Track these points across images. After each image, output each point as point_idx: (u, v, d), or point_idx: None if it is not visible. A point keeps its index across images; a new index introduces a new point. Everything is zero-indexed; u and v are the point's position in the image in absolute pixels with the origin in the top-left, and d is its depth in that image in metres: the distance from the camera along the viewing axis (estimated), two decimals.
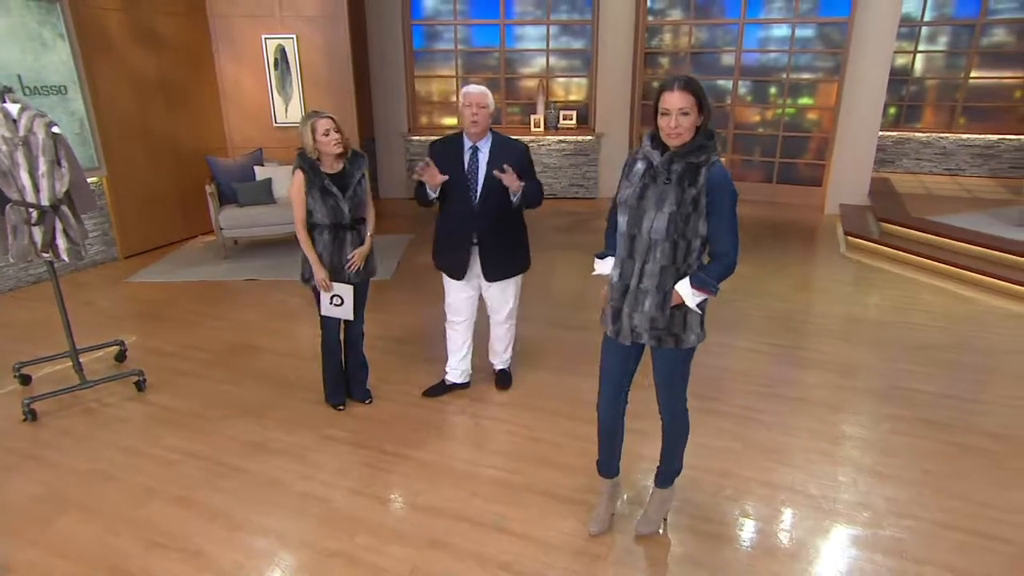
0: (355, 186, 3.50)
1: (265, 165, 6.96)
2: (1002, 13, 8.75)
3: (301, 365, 4.44)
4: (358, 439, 3.59)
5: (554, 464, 3.36)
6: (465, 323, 3.91)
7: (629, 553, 2.73)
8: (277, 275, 6.13)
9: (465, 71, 9.26)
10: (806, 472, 3.31)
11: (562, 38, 9.18)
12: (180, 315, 5.29)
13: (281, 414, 3.84)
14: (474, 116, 3.38)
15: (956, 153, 9.22)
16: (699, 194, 2.25)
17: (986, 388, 4.22)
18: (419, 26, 9.01)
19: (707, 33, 8.89)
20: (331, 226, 3.48)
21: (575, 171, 9.08)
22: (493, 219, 3.54)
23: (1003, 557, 2.80)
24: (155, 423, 3.76)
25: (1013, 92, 8.97)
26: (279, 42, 7.25)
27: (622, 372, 2.60)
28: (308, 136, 3.35)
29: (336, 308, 3.67)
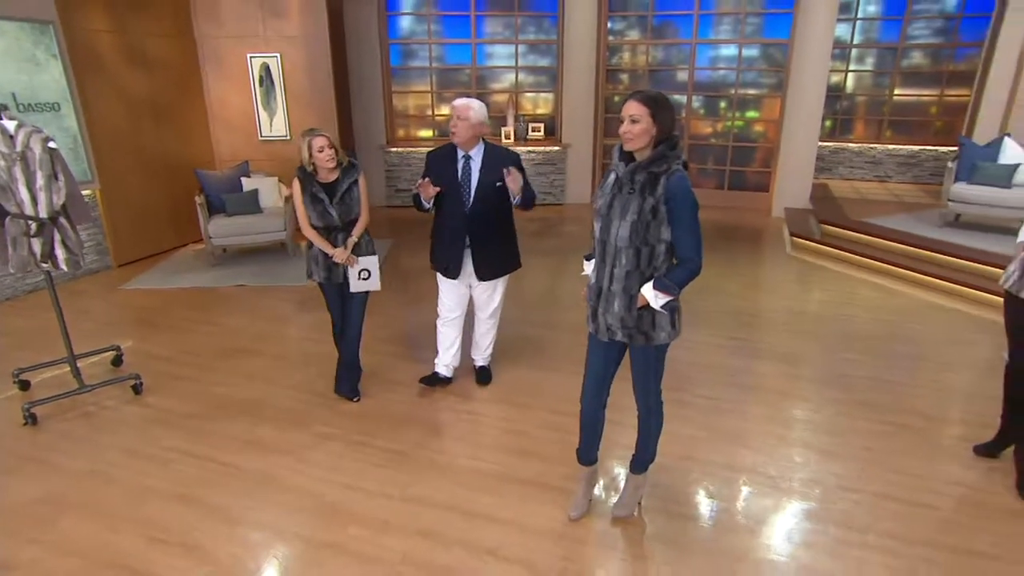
0: (344, 193, 3.53)
1: (251, 176, 6.81)
2: (919, 38, 9.04)
3: (290, 367, 4.36)
4: (348, 435, 3.53)
5: (533, 455, 3.35)
6: (456, 320, 3.89)
7: (607, 535, 2.74)
8: (265, 281, 6.01)
9: (439, 87, 9.20)
10: (764, 454, 3.36)
11: (530, 56, 9.18)
12: (173, 321, 5.15)
13: (273, 413, 3.76)
14: (454, 126, 3.40)
15: (884, 162, 9.45)
16: (657, 203, 2.26)
17: (916, 373, 4.32)
18: (396, 45, 8.91)
19: (663, 52, 8.96)
20: (324, 228, 3.57)
21: (544, 179, 9.08)
22: (484, 222, 3.54)
23: (934, 521, 2.89)
24: (152, 424, 3.65)
25: (930, 108, 9.24)
26: (264, 60, 7.11)
27: (604, 367, 2.60)
28: (305, 151, 3.47)
29: (365, 282, 3.68)
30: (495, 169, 3.41)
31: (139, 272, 6.28)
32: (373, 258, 3.68)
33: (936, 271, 5.85)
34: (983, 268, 5.68)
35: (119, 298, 5.68)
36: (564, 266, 6.70)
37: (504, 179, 3.34)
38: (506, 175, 3.30)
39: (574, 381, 4.05)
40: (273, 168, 7.15)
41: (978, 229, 6.53)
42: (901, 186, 9.17)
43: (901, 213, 7.36)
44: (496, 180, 3.43)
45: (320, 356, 4.42)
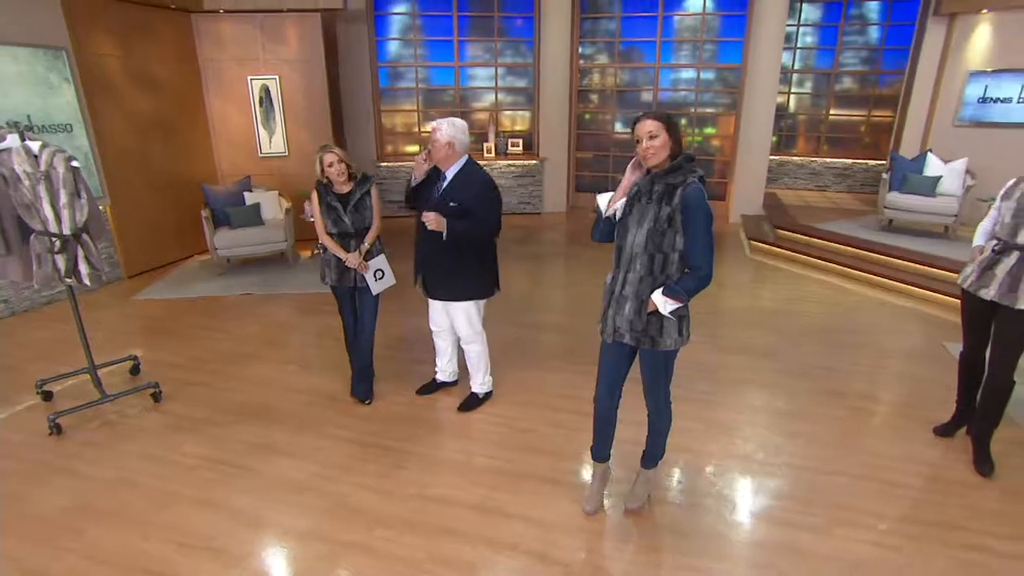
0: (356, 202, 3.43)
1: (253, 191, 6.54)
2: (849, 66, 9.22)
3: (299, 371, 4.16)
4: (361, 437, 3.37)
5: (541, 451, 3.24)
6: (441, 333, 3.66)
7: (621, 527, 2.65)
8: (269, 289, 5.77)
9: (425, 106, 9.01)
10: (754, 443, 3.32)
11: (508, 78, 9.05)
12: (184, 329, 4.89)
13: (286, 417, 3.57)
14: (430, 147, 3.16)
15: (823, 173, 9.61)
16: (673, 212, 2.18)
17: (869, 361, 4.35)
18: (384, 67, 8.70)
19: (629, 74, 8.94)
20: (339, 235, 3.45)
21: (523, 190, 8.98)
22: (436, 242, 3.15)
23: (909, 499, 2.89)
24: (172, 431, 3.43)
25: (859, 127, 9.43)
26: (263, 82, 6.84)
27: (616, 368, 2.51)
28: (317, 166, 3.38)
29: (382, 281, 3.53)
30: (457, 191, 3.12)
31: (149, 283, 5.97)
32: (381, 257, 3.55)
33: (877, 269, 5.94)
34: (916, 267, 5.79)
35: (131, 308, 5.38)
36: (544, 270, 6.63)
37: (459, 202, 3.09)
38: (424, 217, 3.07)
39: (567, 379, 4.00)
40: (273, 183, 6.89)
41: (908, 232, 6.66)
42: (838, 195, 9.34)
43: (842, 219, 7.47)
44: (451, 200, 3.11)
45: (326, 361, 4.24)
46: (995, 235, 3.02)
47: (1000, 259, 2.96)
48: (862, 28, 8.92)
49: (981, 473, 3.06)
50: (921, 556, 2.52)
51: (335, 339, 4.41)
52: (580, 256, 7.12)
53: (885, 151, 8.95)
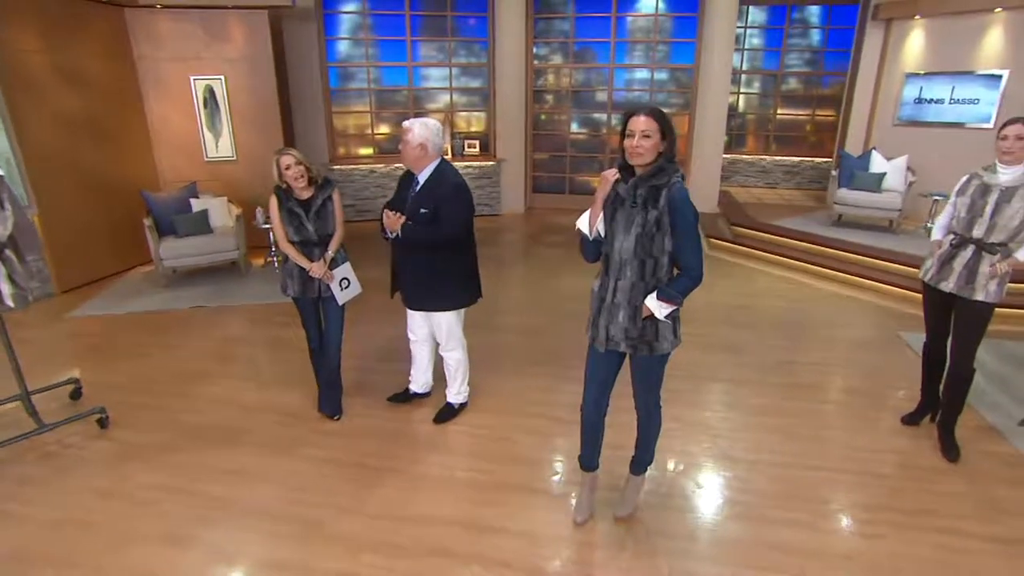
0: (318, 208, 3.25)
1: (200, 197, 6.20)
2: (794, 67, 9.58)
3: (260, 388, 3.94)
4: (335, 456, 3.20)
5: (521, 460, 3.17)
6: (419, 342, 3.53)
7: (614, 535, 2.61)
8: (221, 301, 5.47)
9: (378, 107, 8.81)
10: (733, 441, 3.35)
11: (462, 78, 8.95)
12: (130, 347, 4.56)
13: (252, 438, 3.37)
14: (401, 149, 3.04)
15: (772, 171, 9.94)
16: (661, 215, 2.14)
17: (833, 354, 4.50)
18: (334, 67, 8.44)
19: (584, 75, 9.00)
20: (301, 243, 3.26)
21: (481, 192, 8.88)
22: (408, 249, 3.08)
23: (885, 488, 2.98)
24: (123, 461, 3.17)
25: (805, 126, 9.82)
26: (207, 82, 6.50)
27: (605, 376, 2.46)
28: (274, 170, 3.19)
29: (348, 290, 3.37)
30: (429, 193, 3.01)
31: (85, 298, 5.55)
32: (347, 265, 3.38)
33: (831, 263, 6.17)
34: (867, 260, 6.04)
35: (66, 327, 4.98)
36: (506, 273, 6.56)
37: (429, 207, 2.98)
38: (385, 218, 2.98)
39: (541, 383, 3.95)
40: (221, 189, 6.56)
41: (857, 227, 6.95)
42: (788, 191, 9.68)
43: (794, 215, 7.72)
44: (423, 205, 3.00)
45: (289, 375, 4.03)
46: (952, 229, 3.15)
47: (957, 253, 3.09)
48: (805, 31, 9.29)
49: (948, 459, 3.19)
50: (904, 543, 2.60)
51: (297, 351, 4.21)
52: (540, 257, 7.10)
53: (830, 149, 9.34)
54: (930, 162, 6.91)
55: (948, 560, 2.52)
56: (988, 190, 2.98)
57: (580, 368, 4.00)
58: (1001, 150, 2.90)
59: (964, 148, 6.83)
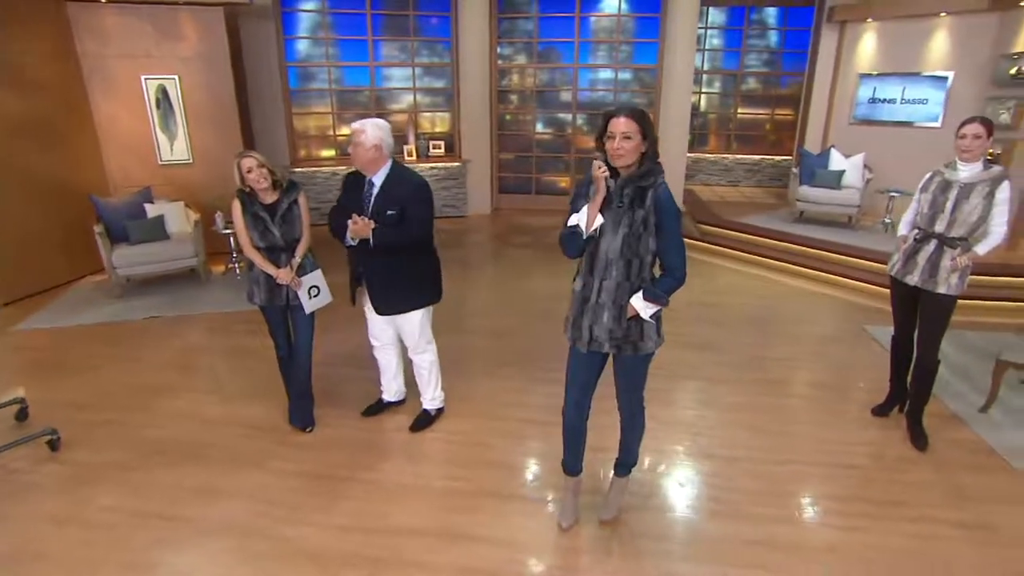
0: (284, 212, 3.13)
1: (155, 202, 5.94)
2: (753, 67, 9.81)
3: (225, 400, 3.78)
4: (307, 469, 3.09)
5: (498, 465, 3.13)
6: (384, 348, 3.44)
7: (599, 539, 2.59)
8: (180, 310, 5.25)
9: (339, 107, 8.63)
10: (709, 437, 3.38)
11: (425, 78, 8.85)
12: (82, 361, 4.32)
13: (219, 454, 3.22)
14: (351, 151, 2.92)
15: (734, 169, 10.16)
16: (647, 214, 2.14)
17: (800, 348, 4.60)
18: (294, 67, 8.23)
19: (548, 75, 9.01)
20: (267, 248, 3.13)
21: (447, 193, 8.80)
22: (380, 253, 2.98)
23: (857, 479, 3.05)
24: (80, 484, 2.98)
25: (765, 125, 10.06)
26: (160, 82, 6.23)
27: (587, 378, 2.43)
28: (235, 173, 3.06)
29: (317, 299, 3.24)
30: (393, 195, 2.93)
31: (31, 311, 5.24)
32: (317, 273, 3.26)
33: (796, 259, 6.32)
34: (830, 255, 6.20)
35: (12, 341, 4.69)
36: (474, 274, 6.51)
37: (396, 208, 2.91)
38: (350, 224, 2.87)
39: (514, 385, 3.92)
40: (177, 193, 6.29)
41: (817, 223, 7.13)
42: (749, 189, 9.90)
43: (757, 212, 7.88)
44: (389, 207, 2.92)
45: (256, 386, 3.89)
46: (916, 225, 3.25)
47: (921, 247, 3.19)
48: (763, 32, 9.52)
49: (917, 448, 3.29)
50: (880, 534, 2.66)
51: (262, 360, 4.07)
52: (508, 257, 7.07)
53: (789, 147, 9.59)
54: (885, 159, 7.16)
55: (921, 549, 2.58)
56: (949, 186, 3.08)
57: (553, 369, 4.04)
58: (960, 148, 3.00)
59: (915, 146, 7.11)
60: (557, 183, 9.62)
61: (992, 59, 6.59)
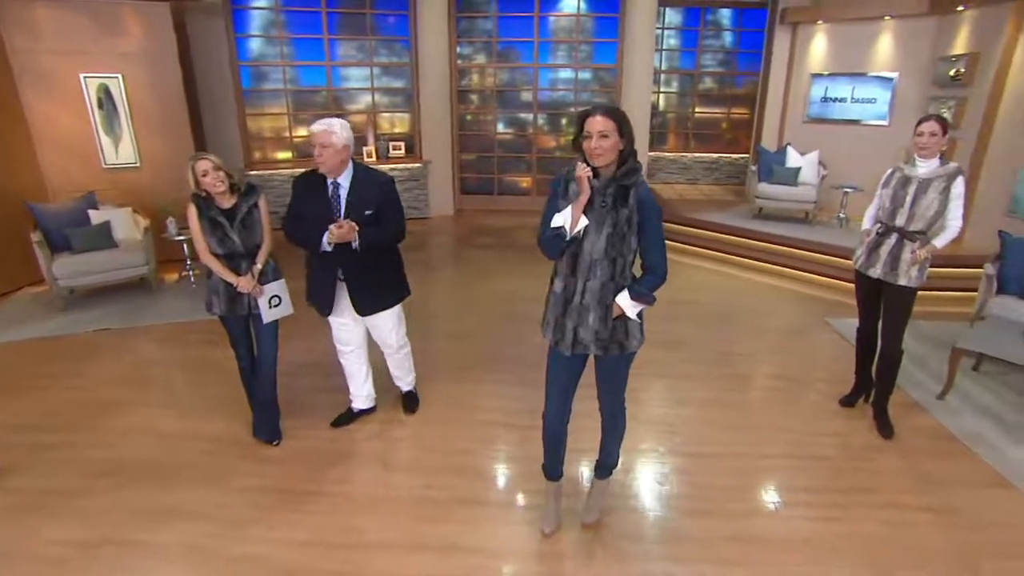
0: (243, 217, 2.99)
1: (100, 208, 5.63)
2: (709, 67, 10.01)
3: (184, 415, 3.60)
4: (275, 484, 2.97)
5: (474, 472, 3.07)
6: (354, 353, 3.37)
7: (582, 543, 2.56)
8: (131, 321, 4.99)
9: (295, 108, 8.39)
10: (683, 435, 3.40)
11: (384, 78, 8.70)
12: (23, 380, 4.04)
13: (180, 472, 3.06)
14: (319, 156, 2.79)
15: (693, 167, 10.34)
16: (631, 213, 2.12)
17: (765, 342, 4.70)
18: (247, 67, 7.95)
19: (508, 74, 8.99)
20: (226, 256, 2.99)
21: (408, 195, 8.66)
22: (358, 254, 2.94)
23: (827, 470, 3.12)
24: (24, 514, 2.77)
25: (721, 124, 10.28)
26: (102, 81, 5.91)
27: (569, 380, 2.39)
28: (190, 177, 2.92)
29: (277, 309, 3.11)
30: (365, 195, 2.90)
31: None
32: (280, 282, 3.14)
33: (757, 255, 6.47)
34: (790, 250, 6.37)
35: None
36: (438, 276, 6.42)
37: (373, 207, 2.89)
38: (331, 229, 2.80)
39: (488, 389, 3.87)
40: (124, 198, 5.99)
41: (776, 219, 7.31)
42: (708, 187, 10.09)
43: (717, 209, 8.03)
44: (365, 208, 2.90)
45: (216, 399, 3.72)
46: (878, 219, 3.34)
47: (883, 240, 3.29)
48: (718, 33, 9.72)
49: (883, 436, 3.39)
50: (854, 522, 2.72)
51: (222, 372, 3.90)
52: (471, 259, 7.01)
53: (746, 146, 9.82)
54: (838, 156, 7.40)
55: (892, 535, 2.65)
56: (908, 182, 3.18)
57: (521, 370, 4.00)
58: (918, 145, 3.11)
59: (866, 143, 7.38)
60: (519, 183, 9.60)
61: (932, 61, 6.90)
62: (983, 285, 4.45)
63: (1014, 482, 3.02)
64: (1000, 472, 3.10)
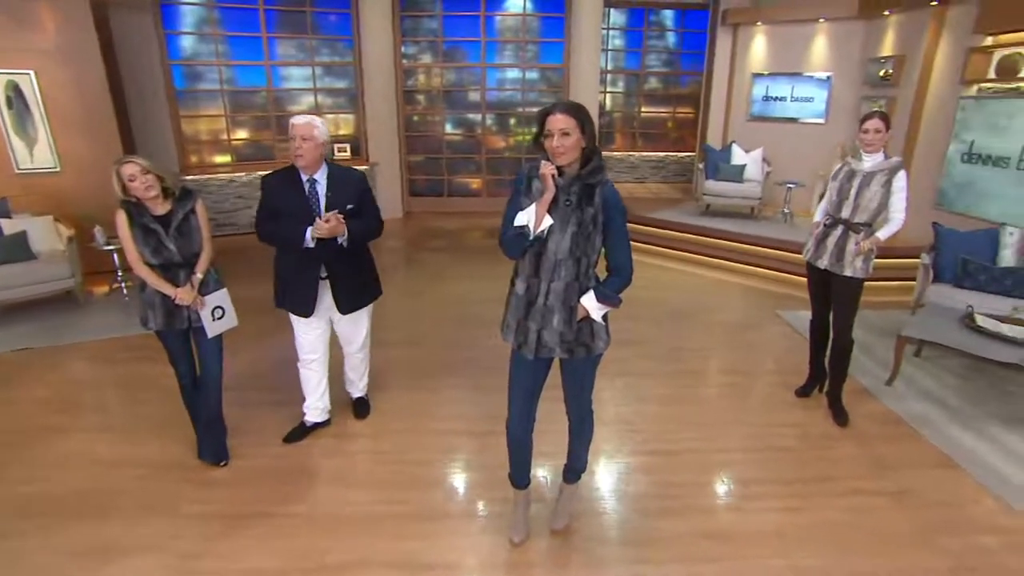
0: (180, 223, 2.79)
1: (14, 217, 5.19)
2: (653, 67, 10.22)
3: (120, 439, 3.34)
4: (227, 509, 2.78)
5: (436, 484, 2.97)
6: (319, 361, 3.26)
7: (553, 551, 2.50)
8: (56, 339, 4.61)
9: (233, 110, 8.02)
10: (647, 433, 3.40)
11: (326, 78, 8.45)
12: None
13: (119, 502, 2.82)
14: (297, 149, 2.78)
15: (640, 166, 10.52)
16: (596, 212, 2.08)
17: (719, 337, 4.78)
18: (179, 66, 7.54)
19: (455, 74, 8.89)
20: (161, 266, 2.78)
21: None
22: (340, 250, 2.94)
23: (790, 461, 3.18)
24: None
25: (667, 123, 10.52)
26: (10, 78, 5.46)
27: (532, 384, 2.33)
28: (115, 183, 2.70)
29: (221, 321, 2.92)
30: (344, 190, 2.91)
31: None
32: (223, 292, 2.95)
33: (707, 251, 6.62)
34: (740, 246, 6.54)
35: None
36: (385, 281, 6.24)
37: (354, 202, 2.92)
38: (318, 224, 2.78)
39: (446, 396, 3.78)
40: (42, 206, 5.55)
41: (723, 215, 7.51)
42: (655, 185, 10.29)
43: (666, 207, 8.17)
44: (346, 202, 2.90)
45: (155, 420, 3.47)
46: (828, 212, 3.45)
47: (830, 232, 3.39)
48: (662, 33, 9.92)
49: (839, 424, 3.49)
50: (819, 511, 2.77)
51: (162, 391, 3.65)
52: (422, 262, 6.88)
53: (691, 144, 10.06)
54: (781, 153, 7.67)
55: (857, 521, 2.72)
56: (854, 175, 3.29)
57: (477, 375, 3.93)
58: (864, 141, 3.22)
59: (805, 141, 7.68)
60: (469, 185, 9.52)
61: (863, 62, 7.24)
62: (920, 274, 4.68)
63: (958, 462, 3.16)
64: (946, 452, 3.24)
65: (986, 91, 5.57)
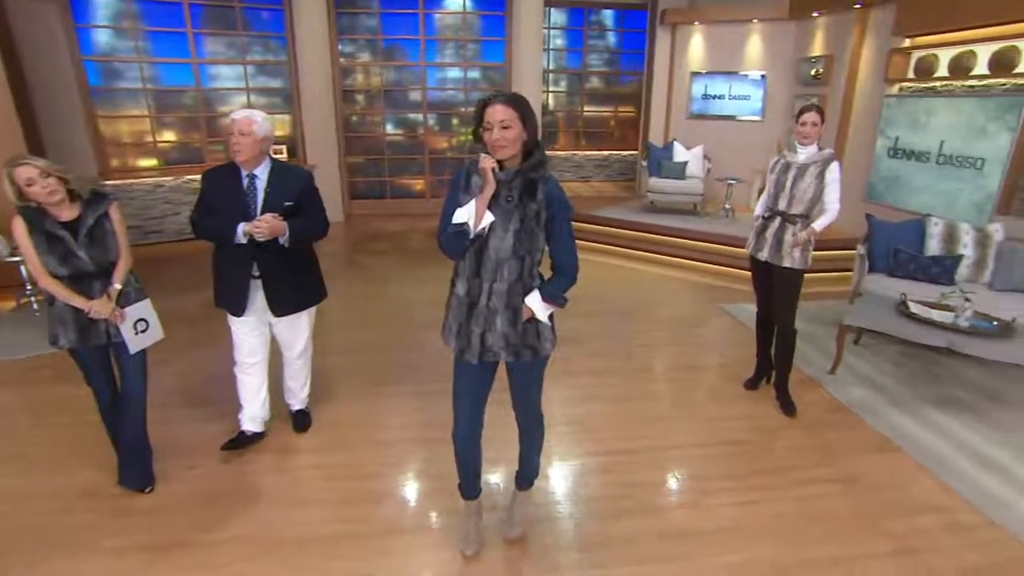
0: (91, 229, 2.55)
1: None
2: (595, 67, 10.32)
3: (31, 469, 3.03)
4: (152, 539, 2.54)
5: (388, 498, 2.83)
6: (259, 364, 3.12)
7: (509, 561, 2.41)
8: None
9: (158, 110, 7.57)
10: (599, 433, 3.36)
11: (260, 78, 8.10)
12: None
13: (26, 540, 2.54)
14: (236, 144, 2.69)
15: (585, 165, 10.60)
16: (540, 209, 2.00)
17: (666, 332, 4.83)
18: (93, 62, 7.04)
19: (395, 73, 8.70)
20: (72, 277, 2.53)
21: None
22: (275, 250, 2.82)
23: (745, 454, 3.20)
24: None
25: (610, 122, 10.64)
26: None
27: (478, 390, 2.23)
28: (9, 189, 2.44)
29: (144, 335, 2.70)
30: (284, 188, 2.82)
31: None
32: (145, 303, 2.72)
33: (651, 247, 6.70)
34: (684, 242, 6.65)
35: None
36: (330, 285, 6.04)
37: (293, 200, 2.81)
38: (254, 226, 2.69)
39: (387, 406, 3.64)
40: None
41: (667, 212, 7.62)
42: (600, 184, 10.39)
43: (610, 205, 8.23)
44: (285, 199, 2.80)
45: (73, 446, 3.18)
46: (767, 205, 3.51)
47: (768, 224, 3.46)
48: (602, 33, 10.03)
49: (788, 414, 3.55)
50: (774, 503, 2.79)
51: (77, 413, 3.35)
52: (365, 266, 6.67)
53: (634, 143, 10.20)
54: (721, 150, 7.87)
55: (811, 509, 2.75)
56: (789, 168, 3.36)
57: (426, 381, 3.82)
58: (801, 134, 3.28)
59: (744, 137, 7.91)
60: (412, 186, 9.35)
61: (795, 61, 7.52)
62: (857, 265, 4.85)
63: (899, 444, 3.27)
64: (887, 436, 3.35)
65: (907, 90, 5.87)
